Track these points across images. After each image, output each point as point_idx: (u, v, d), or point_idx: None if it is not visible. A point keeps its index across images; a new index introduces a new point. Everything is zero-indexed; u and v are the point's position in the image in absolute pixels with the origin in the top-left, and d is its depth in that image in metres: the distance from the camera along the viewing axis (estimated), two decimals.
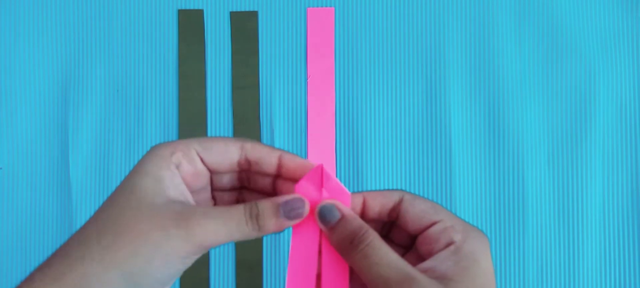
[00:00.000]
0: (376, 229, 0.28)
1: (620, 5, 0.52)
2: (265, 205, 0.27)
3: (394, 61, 0.52)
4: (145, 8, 0.53)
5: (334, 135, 0.42)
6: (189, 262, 0.26)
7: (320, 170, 0.28)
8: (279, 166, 0.28)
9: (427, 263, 0.26)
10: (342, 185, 0.29)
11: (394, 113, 0.51)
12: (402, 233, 0.29)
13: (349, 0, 0.52)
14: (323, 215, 0.27)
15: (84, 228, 0.26)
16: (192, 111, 0.52)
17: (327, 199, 0.28)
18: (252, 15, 0.52)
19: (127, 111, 0.52)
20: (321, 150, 0.35)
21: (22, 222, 0.51)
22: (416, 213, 0.28)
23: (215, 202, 0.30)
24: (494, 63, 0.51)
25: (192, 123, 0.52)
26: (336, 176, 0.33)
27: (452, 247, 0.26)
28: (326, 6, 0.53)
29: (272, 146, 0.29)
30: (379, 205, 0.28)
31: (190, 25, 0.52)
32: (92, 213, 0.52)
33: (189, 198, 0.27)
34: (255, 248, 0.50)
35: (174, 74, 0.52)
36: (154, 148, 0.27)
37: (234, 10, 0.53)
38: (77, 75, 0.52)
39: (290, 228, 0.28)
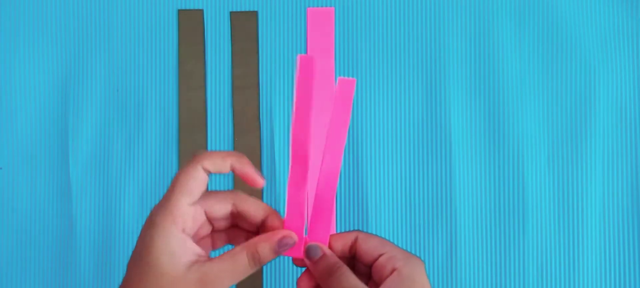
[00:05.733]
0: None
1: (620, 5, 0.52)
2: (264, 247, 0.34)
3: (394, 61, 0.52)
4: (145, 8, 0.53)
5: None
6: None
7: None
8: (263, 221, 0.35)
9: None
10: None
11: (394, 113, 0.51)
12: (361, 265, 0.36)
13: (349, 0, 0.52)
14: (309, 253, 0.35)
15: None
16: (192, 111, 0.52)
17: (312, 242, 0.36)
18: (252, 15, 0.52)
19: (127, 111, 0.52)
20: (321, 150, 0.35)
21: (22, 222, 0.51)
22: (368, 248, 0.35)
23: (213, 227, 0.36)
24: (494, 63, 0.51)
25: (192, 123, 0.52)
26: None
27: (395, 273, 0.33)
28: (326, 6, 0.53)
29: (259, 201, 0.35)
30: (340, 244, 0.36)
31: (190, 25, 0.52)
32: (92, 213, 0.52)
33: (199, 251, 0.33)
34: None
35: (174, 74, 0.52)
36: (154, 220, 0.32)
37: (234, 10, 0.53)
38: (77, 75, 0.52)
39: None
